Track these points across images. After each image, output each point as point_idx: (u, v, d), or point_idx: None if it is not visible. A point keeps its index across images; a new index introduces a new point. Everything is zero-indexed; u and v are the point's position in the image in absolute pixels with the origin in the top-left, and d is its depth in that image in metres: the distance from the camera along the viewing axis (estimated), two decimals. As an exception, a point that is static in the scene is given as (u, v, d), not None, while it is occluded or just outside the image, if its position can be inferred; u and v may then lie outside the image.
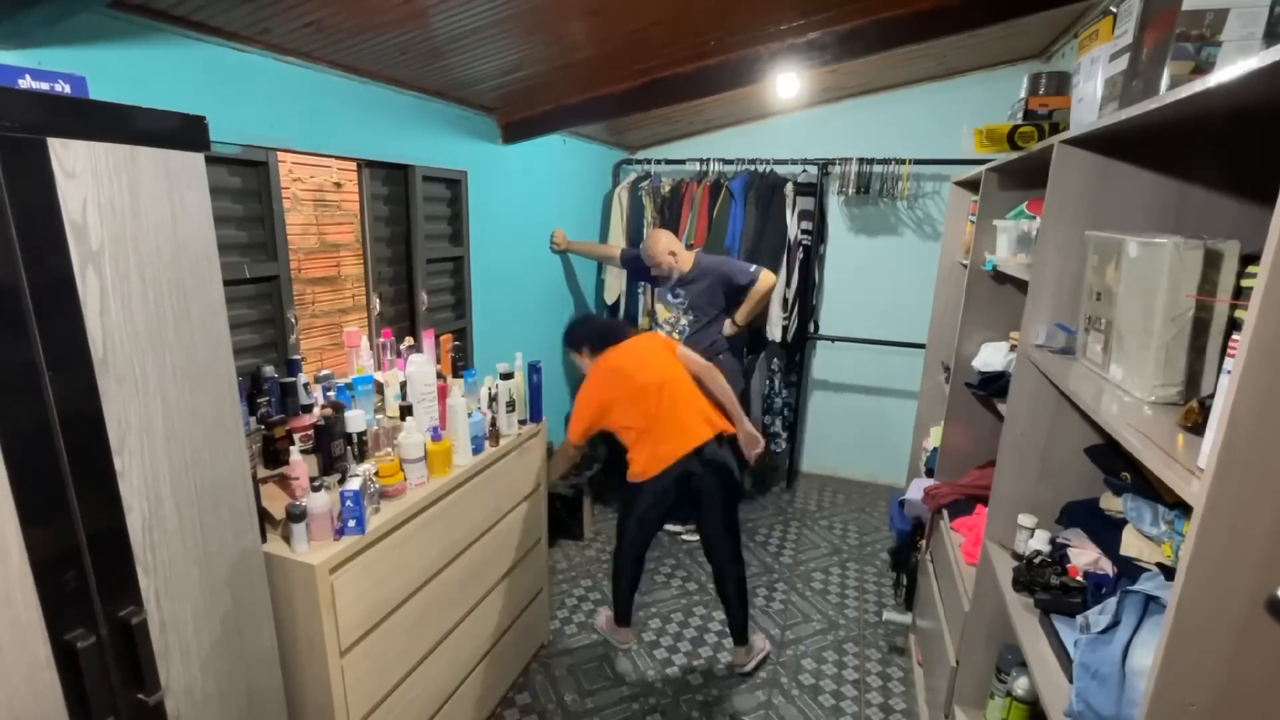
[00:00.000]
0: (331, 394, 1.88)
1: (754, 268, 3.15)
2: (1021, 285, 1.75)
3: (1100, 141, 1.31)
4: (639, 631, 2.67)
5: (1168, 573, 1.13)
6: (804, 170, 3.75)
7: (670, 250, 3.12)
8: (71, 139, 0.94)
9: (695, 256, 3.20)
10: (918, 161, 3.52)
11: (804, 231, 3.71)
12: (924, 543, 2.51)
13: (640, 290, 3.84)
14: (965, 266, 2.34)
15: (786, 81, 3.01)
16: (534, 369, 2.24)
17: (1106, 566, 1.35)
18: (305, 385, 1.87)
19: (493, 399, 2.07)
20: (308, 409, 1.85)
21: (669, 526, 3.50)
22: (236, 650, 1.30)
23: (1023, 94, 1.78)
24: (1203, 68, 0.93)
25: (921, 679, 2.29)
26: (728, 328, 3.23)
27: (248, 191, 1.86)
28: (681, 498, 2.29)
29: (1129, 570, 1.24)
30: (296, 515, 1.40)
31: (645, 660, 2.52)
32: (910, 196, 3.70)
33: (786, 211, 3.61)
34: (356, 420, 1.67)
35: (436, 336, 2.31)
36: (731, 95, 3.10)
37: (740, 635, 2.44)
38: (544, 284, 3.53)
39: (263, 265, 1.91)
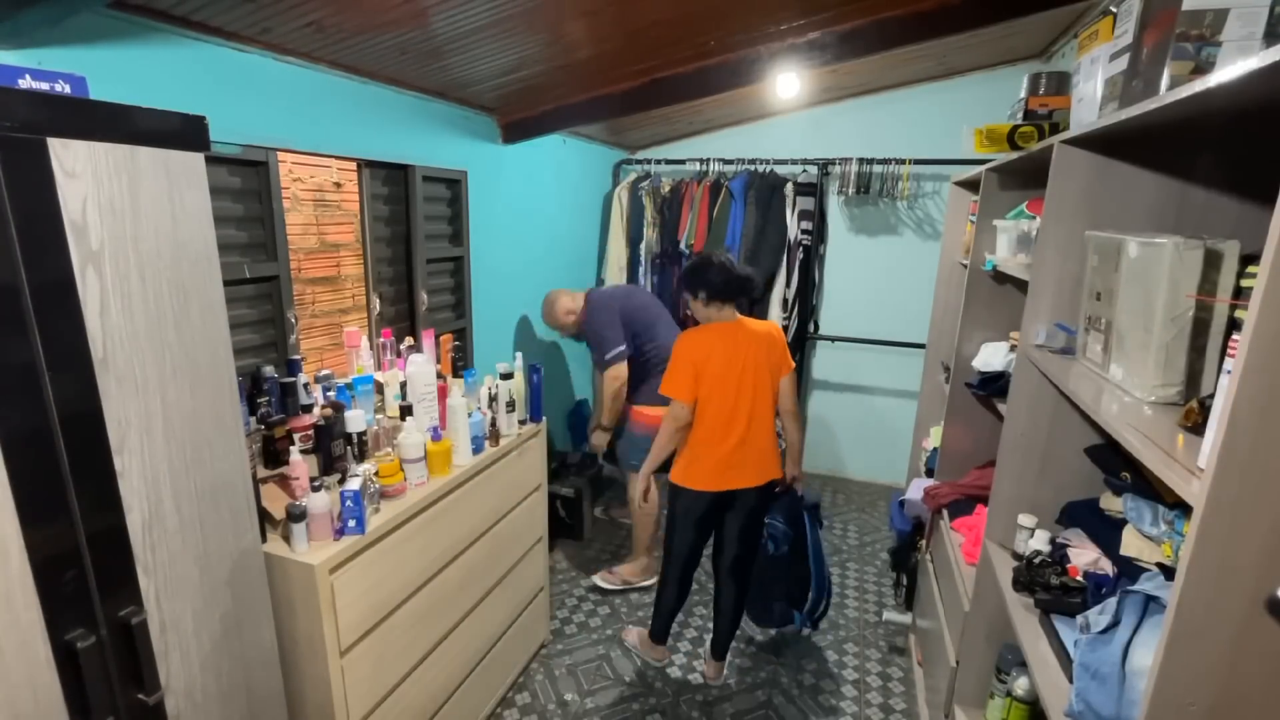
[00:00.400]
0: (331, 394, 1.88)
1: (612, 352, 2.66)
2: (1021, 285, 1.75)
3: (1100, 141, 1.31)
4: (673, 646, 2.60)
5: (1168, 573, 1.13)
6: (804, 170, 3.76)
7: (567, 310, 2.92)
8: (71, 139, 0.94)
9: (586, 305, 2.87)
10: (918, 161, 3.52)
11: (804, 231, 3.72)
12: (924, 543, 2.51)
13: None
14: (965, 266, 2.34)
15: (786, 81, 3.01)
16: (534, 369, 2.24)
17: (1106, 566, 1.35)
18: (305, 385, 1.87)
19: (493, 399, 2.07)
20: (308, 409, 1.85)
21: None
22: (236, 650, 1.30)
23: (1023, 94, 1.78)
24: (1203, 68, 0.93)
25: (921, 679, 2.29)
26: (596, 437, 2.94)
27: (248, 191, 1.86)
28: (714, 510, 2.25)
29: (1129, 570, 1.24)
30: (296, 515, 1.40)
31: (645, 660, 2.52)
32: (910, 196, 3.69)
33: (786, 211, 3.61)
34: (356, 420, 1.67)
35: (436, 336, 2.31)
36: (731, 95, 3.10)
37: (719, 650, 2.42)
38: (544, 284, 3.52)
39: (263, 265, 1.91)
